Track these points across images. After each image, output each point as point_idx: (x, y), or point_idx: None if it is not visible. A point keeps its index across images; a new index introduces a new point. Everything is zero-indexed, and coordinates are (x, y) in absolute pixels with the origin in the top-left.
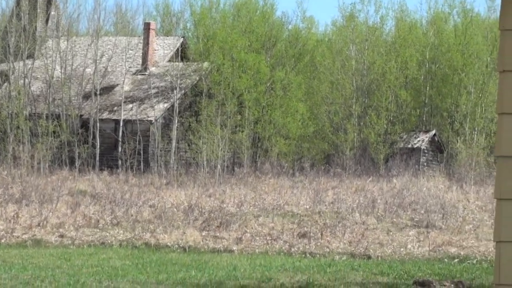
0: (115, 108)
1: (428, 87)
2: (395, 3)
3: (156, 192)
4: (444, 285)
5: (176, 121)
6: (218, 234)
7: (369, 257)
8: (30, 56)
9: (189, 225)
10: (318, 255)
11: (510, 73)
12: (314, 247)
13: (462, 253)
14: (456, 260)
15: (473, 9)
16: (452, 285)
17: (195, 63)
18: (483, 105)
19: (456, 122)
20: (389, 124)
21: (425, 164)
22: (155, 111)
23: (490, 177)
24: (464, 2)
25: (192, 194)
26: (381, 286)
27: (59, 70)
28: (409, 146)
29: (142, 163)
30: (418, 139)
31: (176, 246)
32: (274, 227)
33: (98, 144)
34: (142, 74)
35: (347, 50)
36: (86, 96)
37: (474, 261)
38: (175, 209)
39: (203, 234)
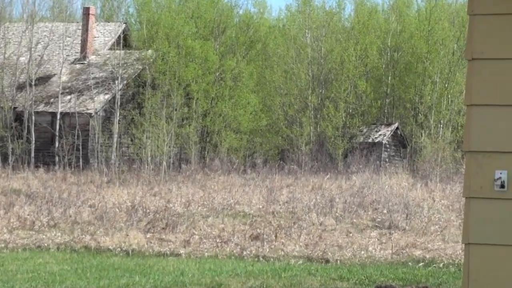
0: (52, 100)
1: (390, 77)
2: None
3: (96, 191)
4: None
5: (118, 114)
6: (164, 237)
7: (327, 261)
8: None
9: (132, 227)
10: (272, 259)
11: (480, 62)
12: (267, 250)
13: (427, 256)
14: (421, 263)
15: None
16: None
17: (138, 51)
18: (449, 96)
19: (420, 115)
20: (348, 116)
21: (387, 160)
22: (95, 103)
23: (457, 174)
24: None
25: (136, 193)
26: None
27: None
28: (370, 140)
29: (81, 160)
30: (380, 133)
31: (119, 249)
32: (224, 229)
33: (34, 139)
34: (81, 63)
35: (303, 37)
36: (20, 87)
37: (441, 265)
38: (117, 210)
39: (148, 236)
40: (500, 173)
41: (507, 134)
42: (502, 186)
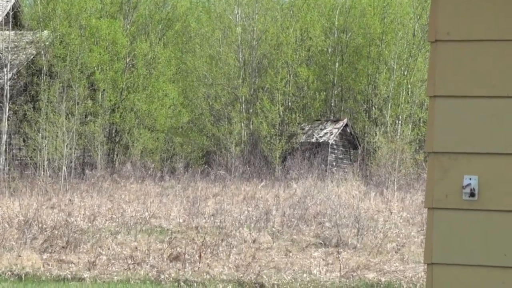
0: None
1: (337, 63)
2: None
3: None
4: None
5: (7, 109)
6: (64, 257)
7: (262, 286)
8: None
9: (25, 246)
10: (195, 284)
11: (444, 44)
12: (190, 273)
13: (383, 279)
14: None
15: None
16: None
17: (31, 32)
18: (409, 86)
19: (374, 109)
20: (286, 111)
21: (334, 163)
22: None
23: (419, 180)
24: None
25: (30, 204)
26: None
27: None
28: (313, 140)
29: None
30: (325, 131)
31: (9, 273)
32: (137, 248)
33: None
34: None
35: (231, 15)
36: None
37: None
38: (6, 225)
39: (45, 257)
40: (470, 179)
41: (478, 131)
42: (472, 194)
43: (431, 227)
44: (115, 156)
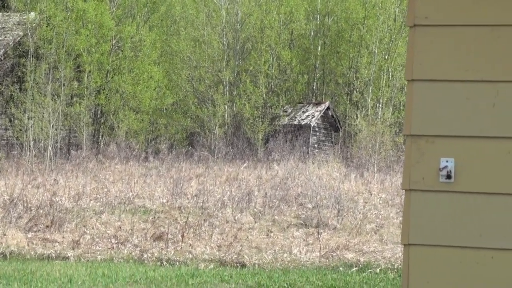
0: None
1: (319, 47)
2: None
3: None
4: None
5: None
6: (48, 236)
7: (243, 265)
8: None
9: (10, 225)
10: (178, 263)
11: (422, 28)
12: (173, 252)
13: (361, 259)
14: (354, 268)
15: None
16: None
17: (18, 13)
18: (390, 69)
19: (355, 92)
20: (269, 94)
21: (315, 145)
22: None
23: (399, 162)
24: None
25: (15, 184)
26: None
27: None
28: (296, 122)
29: None
30: (307, 113)
31: None
32: (121, 227)
33: None
34: None
35: None
36: None
37: (377, 270)
38: None
39: (29, 236)
40: (446, 161)
41: (455, 115)
42: (449, 176)
43: (408, 208)
44: (100, 137)
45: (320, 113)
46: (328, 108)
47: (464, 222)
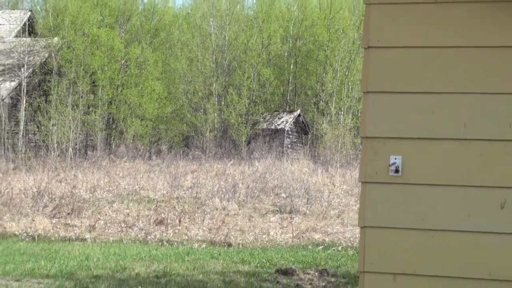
0: None
1: (292, 64)
2: None
3: (2, 177)
4: (308, 273)
5: (25, 101)
6: (69, 222)
7: (229, 245)
8: None
9: (38, 213)
10: (176, 243)
11: (375, 50)
12: (171, 234)
13: (327, 239)
14: (320, 247)
15: None
16: (316, 273)
17: (44, 38)
18: (349, 83)
19: (321, 102)
20: (251, 103)
21: (289, 146)
22: (1, 90)
23: (357, 159)
24: None
25: (42, 179)
26: (242, 275)
27: None
28: (273, 127)
29: None
30: (282, 119)
31: (25, 234)
32: (129, 214)
33: None
34: None
35: (207, 25)
36: None
37: (339, 248)
38: (23, 196)
39: (54, 221)
40: (395, 159)
41: (401, 120)
42: (397, 171)
43: (364, 197)
44: (111, 140)
45: (292, 119)
46: (299, 115)
47: (410, 208)
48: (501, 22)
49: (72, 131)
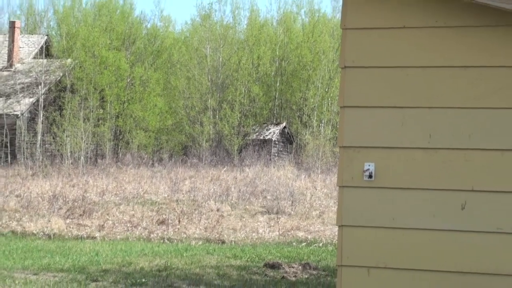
0: None
1: (278, 82)
2: (246, 3)
3: (22, 182)
4: (293, 267)
5: (42, 115)
6: (81, 222)
7: (223, 242)
8: None
9: (53, 214)
10: (175, 241)
11: (350, 69)
12: (172, 233)
13: (309, 237)
14: (303, 243)
15: (320, 9)
16: (300, 266)
17: (59, 60)
18: (329, 99)
19: (304, 115)
20: (242, 117)
21: (276, 154)
22: (21, 105)
23: (336, 166)
24: (311, 2)
25: (57, 184)
26: (234, 269)
27: None
28: (261, 137)
29: (9, 155)
30: (270, 131)
31: (42, 233)
32: (134, 215)
33: None
34: (8, 71)
35: (203, 48)
36: None
37: (320, 244)
38: (40, 199)
39: (67, 222)
40: (368, 165)
41: (374, 131)
42: (370, 176)
43: (342, 199)
44: (119, 149)
45: (279, 131)
46: (284, 127)
47: (382, 209)
48: (460, 45)
49: (84, 141)
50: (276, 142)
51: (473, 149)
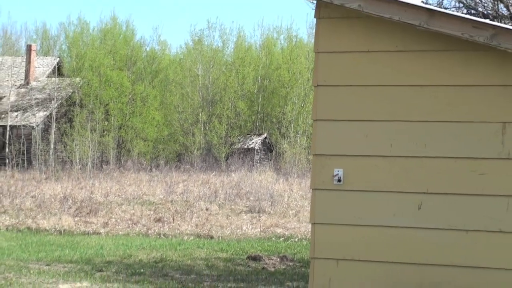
0: (3, 115)
1: (260, 98)
2: (234, 29)
3: (37, 185)
4: (272, 259)
5: (54, 127)
6: (88, 220)
7: (211, 237)
8: None
9: (64, 212)
10: (170, 236)
11: (322, 87)
12: (167, 229)
13: (286, 233)
14: (281, 238)
15: (297, 35)
16: (278, 258)
17: (69, 78)
18: (304, 113)
19: (283, 127)
20: (229, 128)
21: (258, 161)
22: (36, 118)
23: (309, 171)
24: (290, 29)
25: (67, 186)
26: (221, 260)
27: None
28: (245, 146)
29: (25, 162)
30: (252, 140)
31: (53, 229)
32: (134, 213)
33: None
34: (25, 88)
35: (196, 68)
36: None
37: (296, 239)
38: (52, 199)
39: (76, 219)
40: (338, 171)
41: (342, 141)
42: (339, 180)
43: (314, 200)
44: (121, 156)
45: (260, 141)
46: (265, 137)
47: (349, 209)
48: (416, 66)
49: (91, 149)
50: (258, 151)
51: (428, 157)
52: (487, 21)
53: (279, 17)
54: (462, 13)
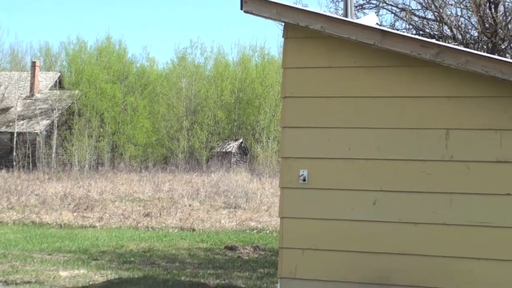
0: (11, 123)
1: (237, 108)
2: (214, 47)
3: (40, 184)
4: (246, 249)
5: (56, 133)
6: (85, 215)
7: (193, 230)
8: None
9: (64, 208)
10: (157, 229)
11: (289, 99)
12: (154, 223)
13: (259, 226)
14: (255, 231)
15: (269, 53)
16: (252, 248)
17: (69, 91)
18: (275, 121)
19: (256, 133)
20: (209, 135)
21: (234, 163)
22: (40, 126)
23: (279, 172)
24: (263, 48)
25: (67, 185)
26: (202, 250)
27: None
28: (224, 150)
29: (30, 164)
30: (230, 145)
31: (55, 223)
32: (126, 209)
33: None
34: (30, 99)
35: (180, 82)
36: None
37: (267, 232)
38: (54, 197)
39: (74, 214)
40: (303, 171)
41: (307, 146)
42: (304, 180)
43: (283, 197)
44: (115, 159)
45: (237, 145)
46: (241, 142)
47: (313, 205)
48: (371, 80)
49: (88, 153)
50: (235, 154)
51: (382, 159)
52: (433, 40)
53: (254, 37)
54: (412, 33)
